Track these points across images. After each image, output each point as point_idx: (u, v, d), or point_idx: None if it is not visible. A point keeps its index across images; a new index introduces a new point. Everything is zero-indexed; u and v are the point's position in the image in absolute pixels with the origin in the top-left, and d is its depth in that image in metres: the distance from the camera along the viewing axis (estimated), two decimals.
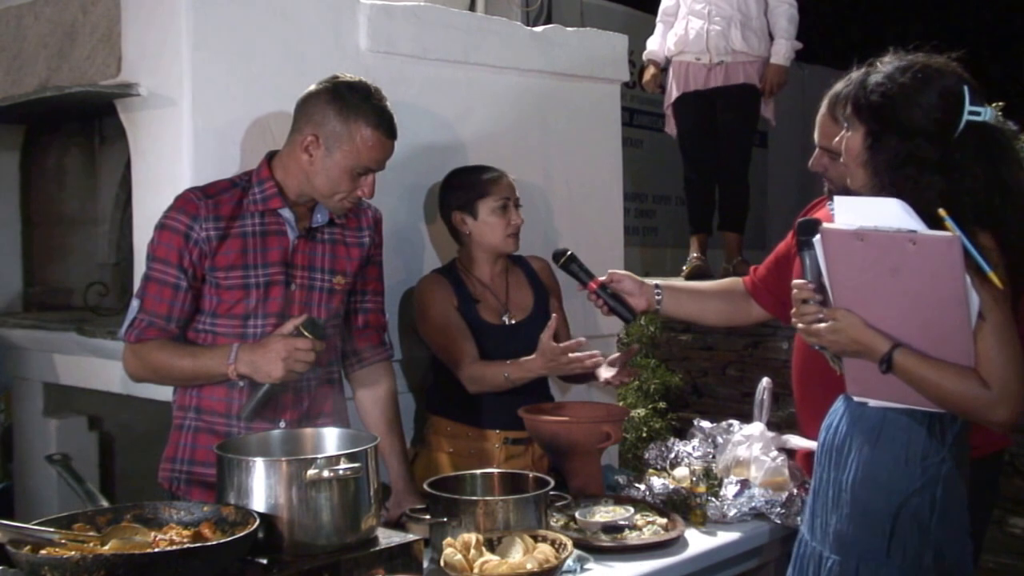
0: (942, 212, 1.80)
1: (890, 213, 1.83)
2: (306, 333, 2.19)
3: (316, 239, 2.41)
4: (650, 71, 5.26)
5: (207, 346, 2.31)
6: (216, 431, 2.33)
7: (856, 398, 2.02)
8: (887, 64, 1.98)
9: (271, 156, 2.40)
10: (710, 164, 5.24)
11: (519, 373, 2.64)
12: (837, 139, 2.07)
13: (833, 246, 1.91)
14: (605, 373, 2.72)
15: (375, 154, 2.31)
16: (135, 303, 2.31)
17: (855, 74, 2.02)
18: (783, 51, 5.09)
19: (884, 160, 1.93)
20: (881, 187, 1.93)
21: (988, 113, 1.91)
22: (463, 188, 2.85)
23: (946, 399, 1.88)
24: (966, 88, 1.91)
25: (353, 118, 2.27)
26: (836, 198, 1.95)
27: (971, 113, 1.90)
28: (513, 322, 2.85)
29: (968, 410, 1.88)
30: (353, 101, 2.28)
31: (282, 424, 2.35)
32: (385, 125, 2.31)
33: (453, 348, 2.76)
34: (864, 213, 1.86)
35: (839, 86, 2.09)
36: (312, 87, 2.35)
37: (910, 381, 1.88)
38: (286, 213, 2.36)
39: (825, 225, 1.92)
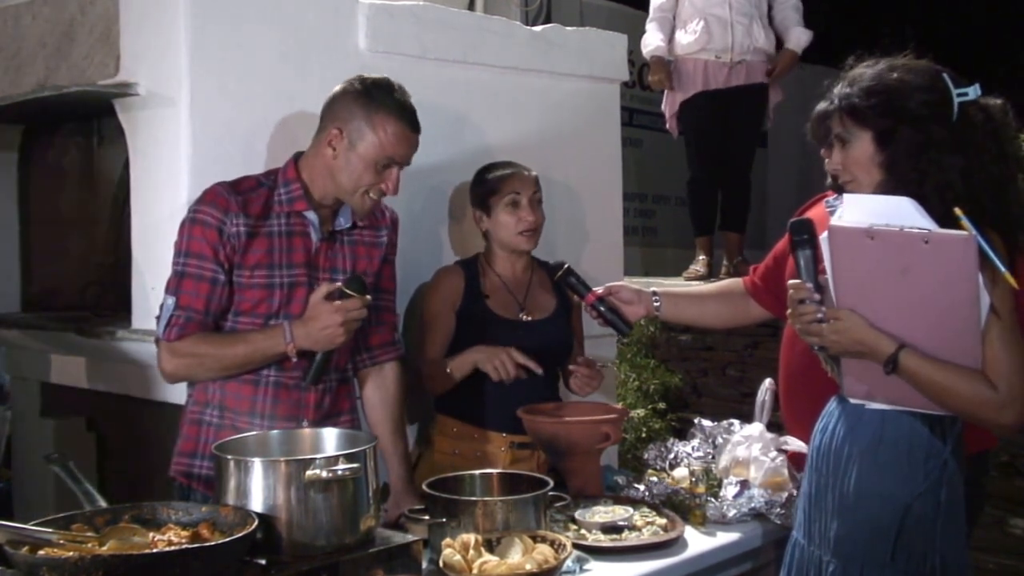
0: (958, 211, 1.79)
1: (902, 212, 1.81)
2: (351, 292, 2.22)
3: (337, 241, 2.42)
4: (659, 71, 5.16)
5: (255, 330, 2.30)
6: (239, 429, 2.30)
7: (853, 400, 2.00)
8: (861, 71, 2.00)
9: (297, 157, 2.41)
10: (719, 164, 5.22)
11: (457, 363, 2.68)
12: (834, 163, 2.07)
13: (841, 244, 1.88)
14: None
15: (398, 145, 2.32)
16: (169, 301, 2.28)
17: (835, 89, 2.04)
18: (802, 38, 5.09)
19: (903, 151, 1.94)
20: (902, 178, 1.94)
21: (973, 91, 1.94)
22: (478, 186, 2.87)
23: (952, 401, 1.86)
24: (944, 75, 1.96)
25: (376, 109, 2.30)
26: (846, 196, 1.95)
27: (959, 95, 1.93)
28: (529, 319, 2.85)
29: (974, 412, 1.86)
30: (376, 95, 2.32)
31: (305, 424, 2.35)
32: (408, 117, 2.34)
33: (426, 342, 2.80)
34: (875, 211, 1.84)
35: (820, 106, 2.08)
36: (337, 88, 2.36)
37: (915, 383, 1.87)
38: (311, 215, 2.37)
39: (834, 223, 1.90)
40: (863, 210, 1.86)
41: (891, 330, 1.87)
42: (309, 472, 1.84)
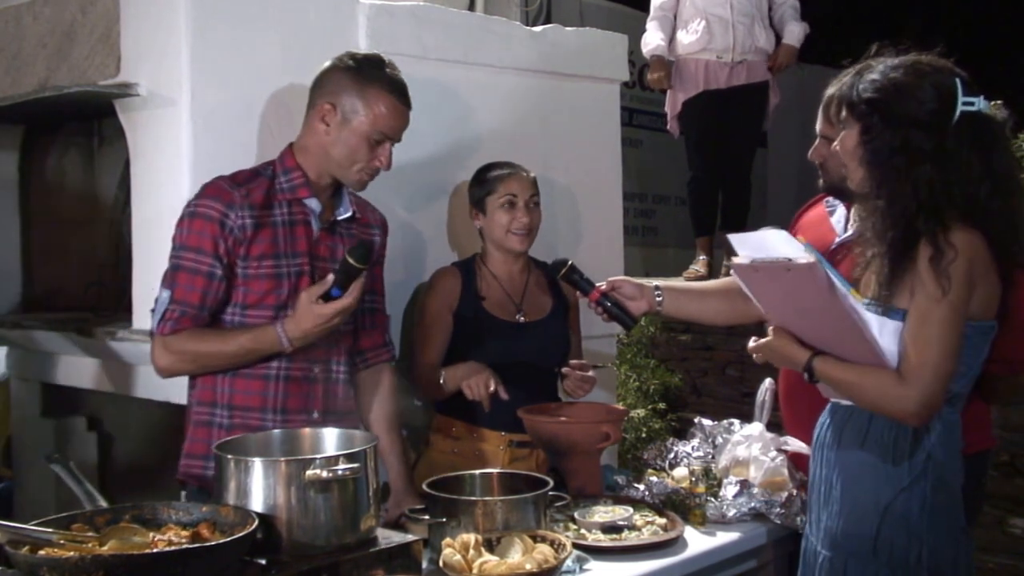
0: (801, 239, 1.93)
1: (773, 243, 1.95)
2: (353, 261, 2.16)
3: (336, 232, 2.42)
4: (659, 69, 5.15)
5: (247, 330, 2.28)
6: (251, 427, 2.29)
7: (833, 399, 2.09)
8: (879, 63, 2.00)
9: (292, 145, 2.41)
10: (719, 164, 5.22)
11: (449, 375, 2.66)
12: (835, 143, 2.09)
13: (744, 278, 2.07)
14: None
15: (391, 121, 2.33)
16: (164, 294, 2.26)
17: (847, 76, 2.04)
18: (797, 31, 5.10)
19: (878, 152, 1.95)
20: (874, 180, 1.95)
21: (981, 102, 1.94)
22: (476, 184, 2.88)
23: (863, 397, 1.96)
24: (958, 80, 1.94)
25: (368, 85, 2.31)
26: (729, 236, 2.05)
27: (965, 104, 1.92)
28: (525, 320, 2.85)
29: (883, 406, 1.93)
30: (367, 70, 2.32)
31: (315, 415, 2.36)
32: (399, 92, 2.34)
33: (423, 346, 2.80)
34: (753, 245, 1.98)
35: (831, 88, 2.11)
36: (326, 63, 2.37)
37: (834, 386, 2.00)
38: (312, 203, 2.36)
39: (733, 259, 2.03)
40: (745, 246, 2.00)
41: (813, 342, 2.00)
42: (309, 472, 1.84)
